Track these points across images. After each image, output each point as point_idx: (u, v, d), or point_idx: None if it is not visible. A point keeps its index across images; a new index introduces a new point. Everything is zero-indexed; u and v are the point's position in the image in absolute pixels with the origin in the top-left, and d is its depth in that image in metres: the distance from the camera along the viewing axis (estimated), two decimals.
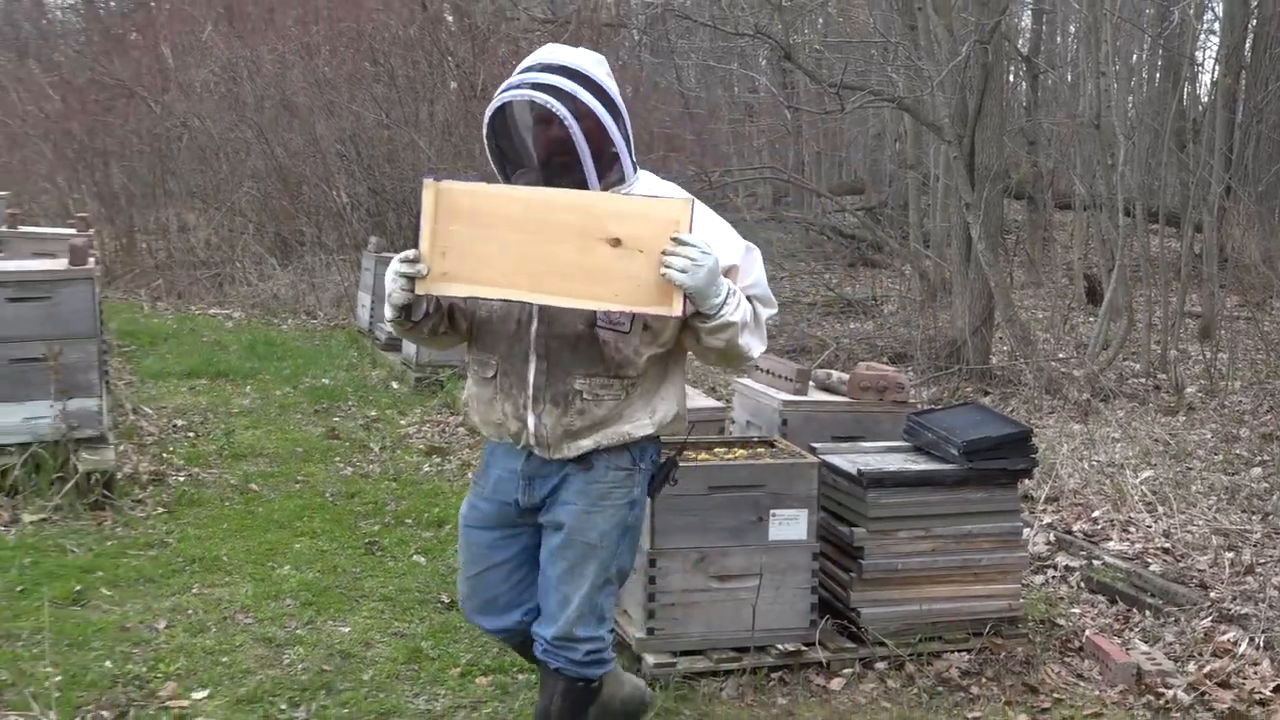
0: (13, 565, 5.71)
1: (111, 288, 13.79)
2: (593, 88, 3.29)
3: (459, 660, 4.84)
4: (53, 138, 16.16)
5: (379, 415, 8.91)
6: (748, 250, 3.48)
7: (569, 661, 3.56)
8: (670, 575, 4.70)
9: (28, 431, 6.66)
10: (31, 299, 6.66)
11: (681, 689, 4.59)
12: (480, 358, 3.53)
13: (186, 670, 4.72)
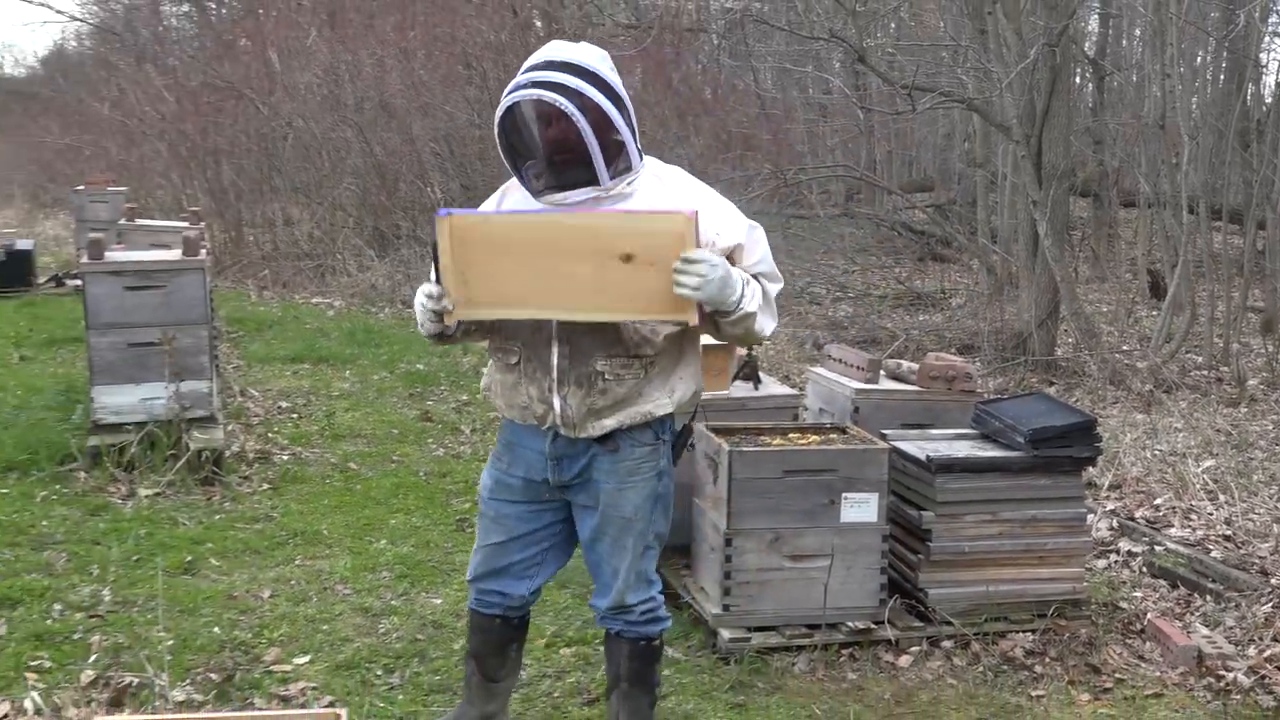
0: (129, 536, 5.82)
1: (221, 277, 13.98)
2: (597, 82, 3.28)
3: (544, 632, 4.86)
4: (168, 137, 16.41)
5: (470, 399, 8.96)
6: (751, 229, 3.46)
7: (627, 624, 3.63)
8: (746, 554, 4.69)
9: (144, 411, 6.78)
10: (148, 287, 6.77)
11: (755, 663, 4.58)
12: (503, 345, 3.54)
13: (289, 637, 4.78)
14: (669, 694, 4.37)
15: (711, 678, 4.51)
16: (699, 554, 5.01)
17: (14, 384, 8.75)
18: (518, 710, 4.24)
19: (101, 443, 6.68)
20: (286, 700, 4.27)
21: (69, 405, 7.88)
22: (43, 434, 7.13)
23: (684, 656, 4.68)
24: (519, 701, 4.30)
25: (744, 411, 5.28)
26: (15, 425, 7.49)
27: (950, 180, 18.91)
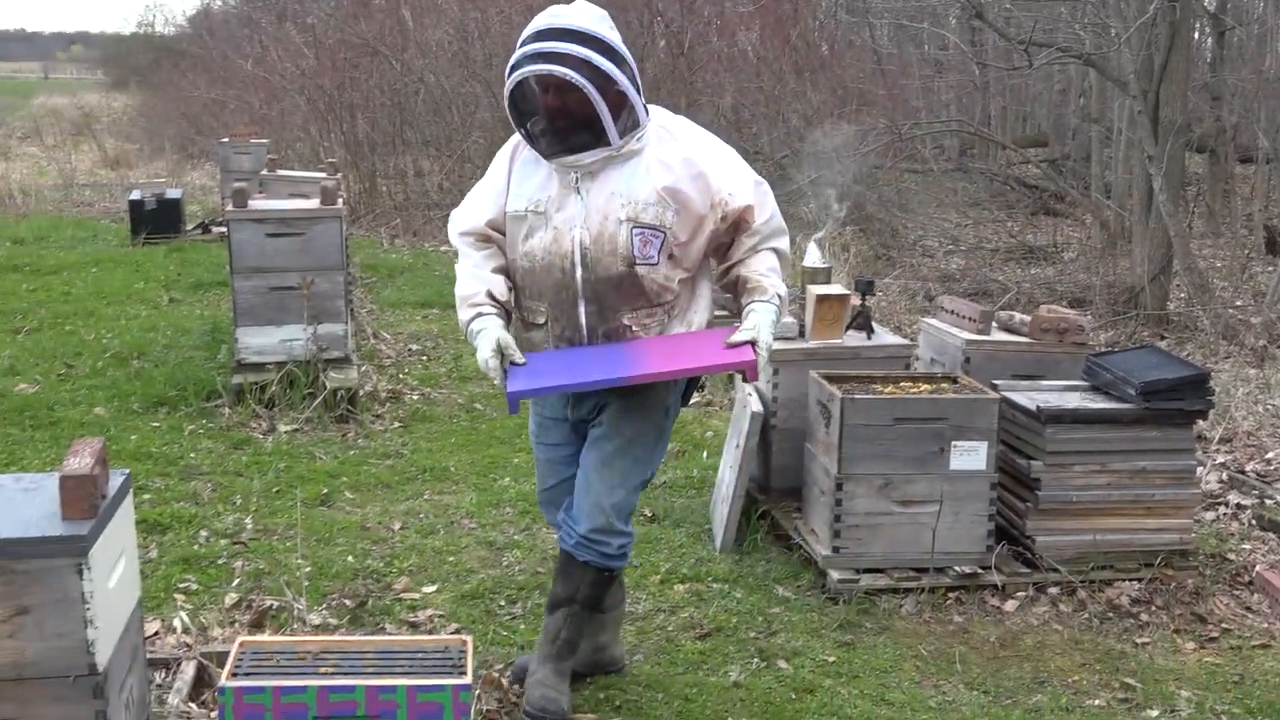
0: (270, 469, 5.96)
1: (356, 226, 14.19)
2: (599, 46, 3.26)
3: (659, 568, 4.88)
4: (307, 92, 16.63)
5: None
6: (758, 185, 3.48)
7: (601, 555, 3.61)
8: (856, 499, 4.66)
9: (284, 352, 6.93)
10: (288, 234, 6.89)
11: (863, 603, 4.56)
12: (528, 305, 3.54)
13: (418, 567, 4.87)
14: (778, 631, 4.38)
15: (820, 617, 4.50)
16: (810, 497, 4.99)
17: (164, 325, 8.98)
18: (633, 642, 4.28)
19: (244, 381, 6.84)
20: (415, 626, 4.35)
21: (214, 345, 8.07)
22: (190, 372, 7.31)
23: (794, 596, 4.67)
24: (633, 634, 4.34)
25: (857, 360, 5.23)
26: (165, 363, 7.70)
27: (1065, 135, 18.44)
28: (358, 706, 2.93)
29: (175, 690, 3.55)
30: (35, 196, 16.31)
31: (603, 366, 3.31)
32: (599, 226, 3.39)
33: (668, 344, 3.45)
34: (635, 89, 3.32)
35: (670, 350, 3.40)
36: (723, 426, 6.55)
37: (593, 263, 3.40)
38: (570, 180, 3.41)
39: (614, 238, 3.38)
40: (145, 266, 11.43)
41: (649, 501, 5.62)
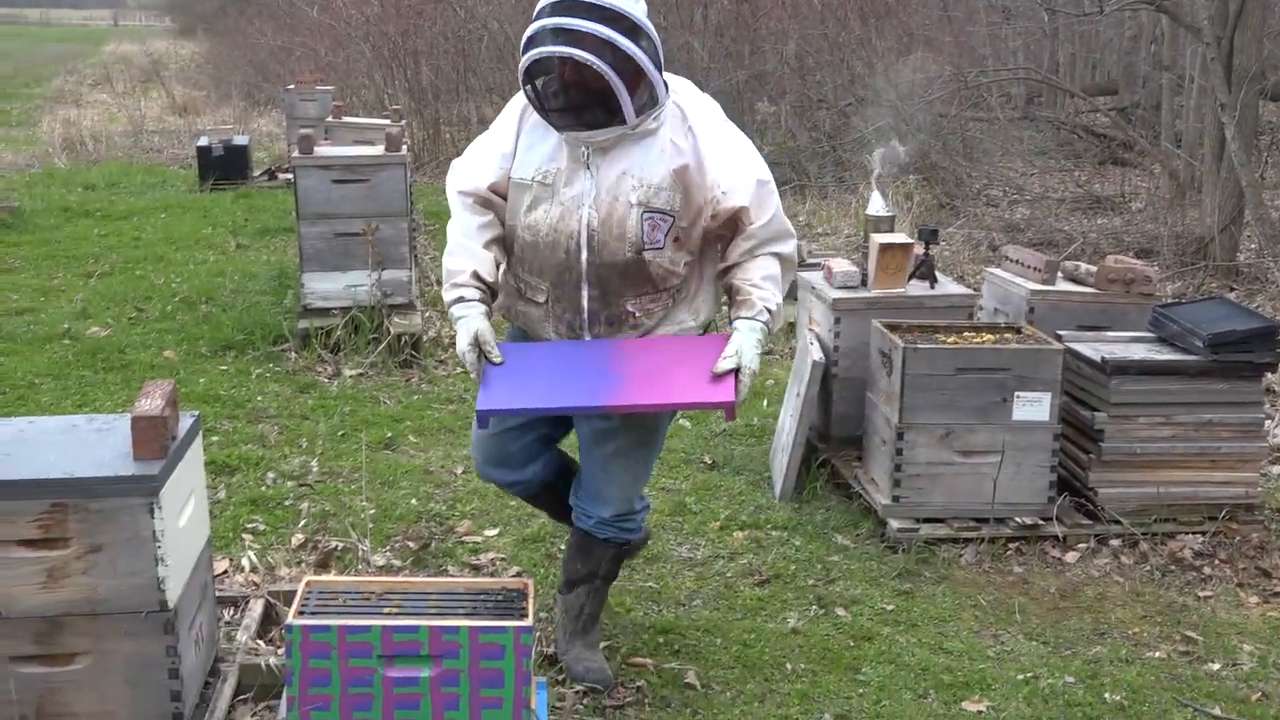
0: (335, 412, 6.02)
1: (419, 173, 14.22)
2: (623, 25, 3.07)
3: (718, 515, 4.89)
4: (371, 39, 16.64)
5: None
6: (760, 185, 3.28)
7: (622, 531, 3.59)
8: (917, 448, 4.63)
9: (349, 297, 6.97)
10: (353, 181, 6.92)
11: (923, 553, 4.54)
12: (528, 281, 3.39)
13: (479, 511, 4.91)
14: (837, 579, 4.38)
15: (879, 565, 4.49)
16: (870, 446, 4.97)
17: (232, 270, 9.07)
18: (691, 587, 4.30)
19: (310, 326, 6.90)
20: (477, 569, 4.39)
21: (280, 290, 8.14)
22: (257, 316, 7.39)
23: (853, 544, 4.67)
24: (692, 579, 4.36)
25: (920, 310, 5.18)
26: (233, 308, 7.78)
27: (1135, 83, 18.07)
28: (421, 646, 2.96)
29: (243, 627, 3.61)
30: (106, 143, 16.49)
31: (582, 385, 3.17)
32: (608, 208, 3.24)
33: (654, 355, 3.29)
34: (656, 66, 3.15)
35: (655, 365, 3.24)
36: (783, 375, 6.53)
37: (599, 246, 3.25)
38: (581, 154, 3.25)
39: (623, 221, 3.23)
40: (213, 212, 11.53)
41: (709, 448, 5.62)
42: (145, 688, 2.92)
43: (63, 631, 2.87)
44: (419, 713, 3.00)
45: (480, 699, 3.00)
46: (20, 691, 2.88)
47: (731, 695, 3.63)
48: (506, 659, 2.98)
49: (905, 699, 3.64)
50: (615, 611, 4.08)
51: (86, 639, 2.89)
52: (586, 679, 3.57)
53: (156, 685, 2.92)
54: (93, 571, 2.84)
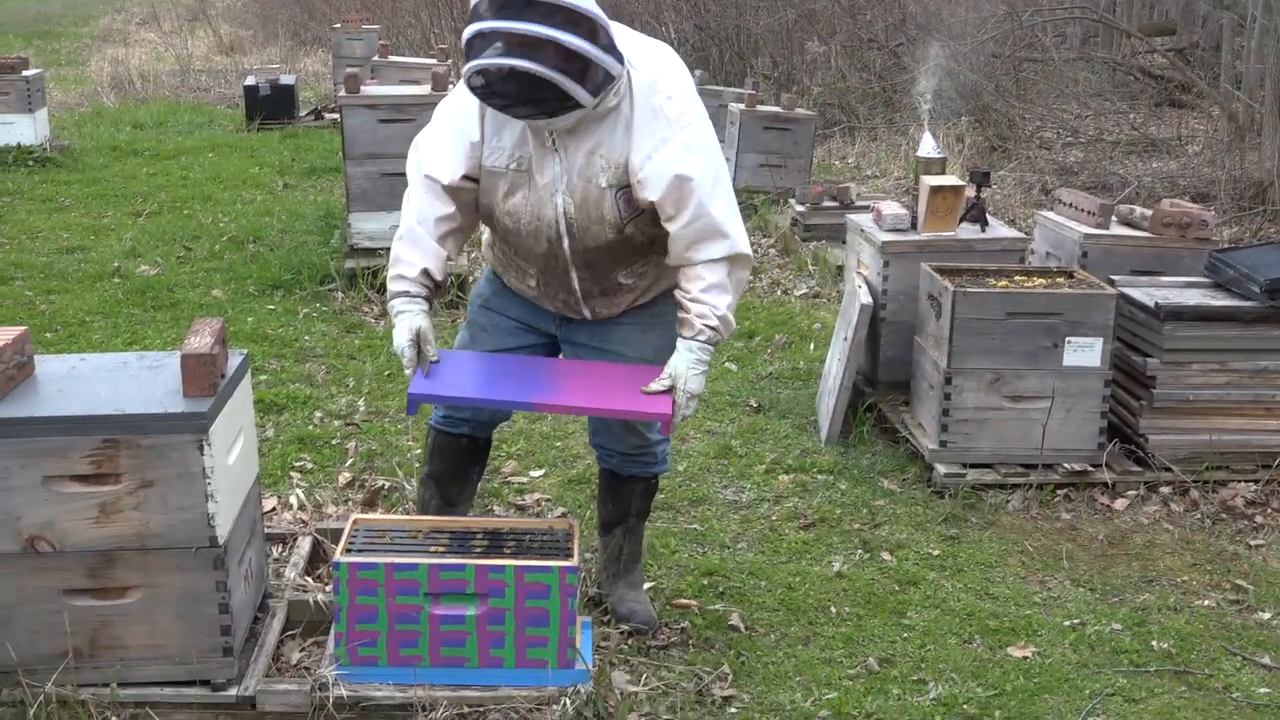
0: (381, 352, 6.04)
1: None
2: (567, 17, 2.84)
3: (764, 459, 4.89)
4: None
5: None
6: (677, 181, 3.04)
7: (645, 465, 3.57)
8: (965, 393, 4.60)
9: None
10: (400, 120, 6.91)
11: (969, 498, 4.53)
12: (517, 263, 3.36)
13: (525, 451, 4.93)
14: (882, 524, 4.37)
15: (925, 510, 4.48)
16: (918, 391, 4.94)
17: (279, 210, 9.11)
18: (736, 530, 4.31)
19: (357, 266, 6.92)
20: (523, 509, 4.42)
21: (327, 230, 8.16)
22: (304, 256, 7.42)
23: (899, 489, 4.66)
24: (737, 522, 4.36)
25: (970, 253, 5.13)
26: (281, 248, 7.82)
27: (1193, 23, 17.71)
28: (467, 584, 2.99)
29: (291, 564, 3.65)
30: (153, 82, 16.54)
31: (519, 384, 3.16)
32: (582, 191, 3.13)
33: (594, 374, 3.27)
34: (605, 46, 2.92)
35: (593, 382, 3.23)
36: (830, 318, 6.50)
37: (580, 232, 3.17)
38: (546, 140, 3.11)
39: (599, 203, 3.13)
40: (260, 152, 11.57)
41: (754, 392, 5.62)
42: (195, 621, 2.97)
43: (115, 566, 2.92)
44: (464, 649, 3.04)
45: (525, 637, 3.03)
46: (74, 624, 2.94)
47: (776, 638, 3.64)
48: (552, 598, 3.00)
49: (950, 644, 3.64)
50: (660, 553, 4.10)
51: (138, 573, 2.93)
52: (631, 620, 3.59)
53: (206, 619, 2.97)
54: (144, 507, 2.88)
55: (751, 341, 6.39)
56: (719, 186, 3.12)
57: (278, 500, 4.33)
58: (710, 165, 3.11)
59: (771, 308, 6.98)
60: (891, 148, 11.09)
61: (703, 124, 3.13)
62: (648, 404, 3.10)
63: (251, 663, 3.12)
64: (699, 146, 3.09)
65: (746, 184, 9.31)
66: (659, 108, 3.06)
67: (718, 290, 3.15)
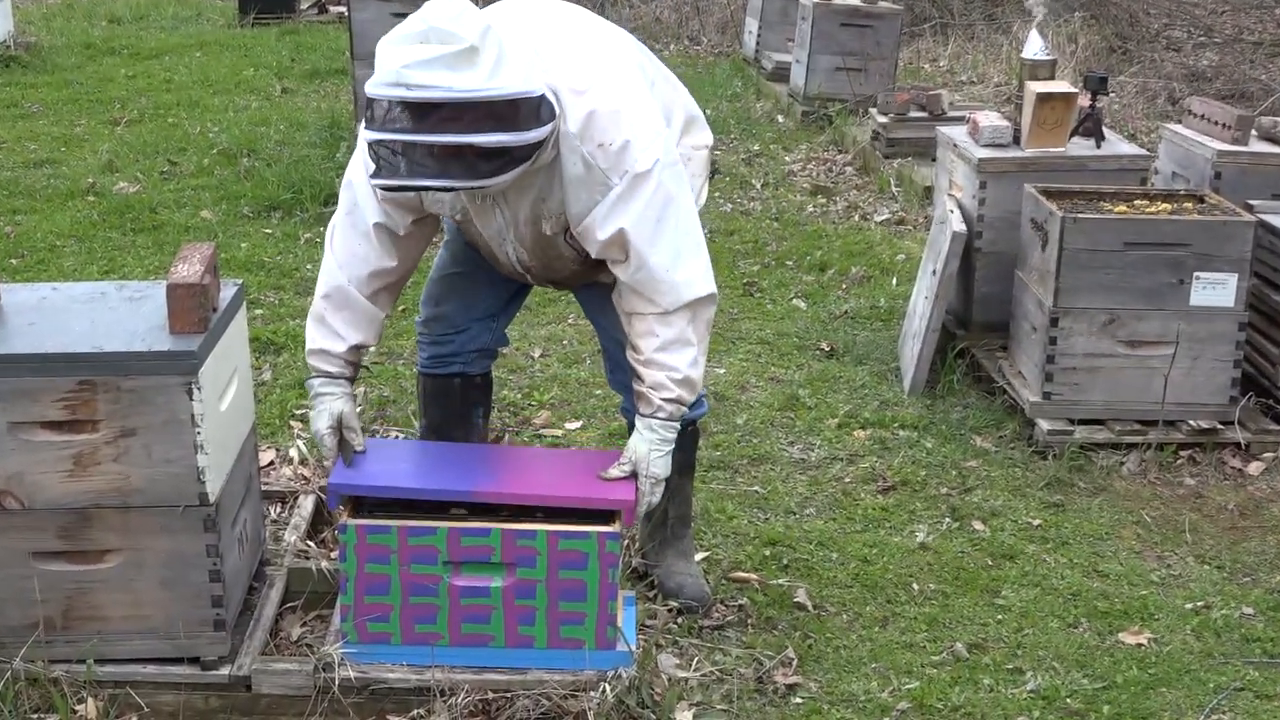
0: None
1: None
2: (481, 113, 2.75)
3: (836, 411, 4.89)
4: None
5: (761, 150, 8.91)
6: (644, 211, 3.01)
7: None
8: (1074, 337, 4.58)
9: None
10: None
11: (1077, 459, 4.51)
12: (484, 263, 3.42)
13: (560, 400, 4.95)
14: (974, 488, 4.37)
15: (1025, 473, 4.48)
16: (1018, 334, 4.92)
17: (277, 118, 9.13)
18: (804, 494, 4.32)
19: None
20: None
21: (332, 142, 8.18)
22: (306, 172, 7.45)
23: (994, 448, 4.65)
24: (805, 484, 4.37)
25: (1082, 173, 5.09)
26: (279, 162, 7.85)
27: None
28: (492, 552, 3.01)
29: (292, 527, 3.69)
30: None
31: (457, 472, 3.18)
32: (533, 239, 3.20)
33: (545, 460, 3.31)
34: (529, 116, 2.82)
35: (544, 469, 3.29)
36: (916, 249, 6.46)
37: (541, 268, 3.32)
38: (482, 201, 3.15)
39: (553, 244, 3.21)
40: (255, 51, 11.58)
41: (826, 333, 5.61)
42: (183, 590, 3.01)
43: (91, 526, 2.96)
44: (489, 626, 3.06)
45: (559, 614, 3.05)
46: (45, 591, 2.98)
47: (848, 618, 3.66)
48: (590, 569, 3.02)
49: (1051, 627, 3.64)
50: (715, 519, 4.11)
51: (117, 535, 2.97)
52: (681, 595, 3.61)
53: (195, 588, 3.01)
54: (124, 459, 2.91)
55: (824, 275, 6.37)
56: (664, 227, 3.05)
57: (276, 453, 4.37)
58: (651, 206, 3.03)
59: (848, 235, 6.95)
60: (991, 48, 10.96)
61: (642, 154, 3.02)
62: (606, 490, 3.12)
63: (246, 638, 3.16)
64: (636, 192, 3.02)
65: (820, 90, 9.25)
66: (590, 159, 3.00)
67: (675, 347, 3.11)
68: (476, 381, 3.71)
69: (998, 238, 5.12)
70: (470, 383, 3.68)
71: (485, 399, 3.78)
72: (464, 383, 3.67)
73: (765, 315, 5.87)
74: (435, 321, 3.62)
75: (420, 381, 3.73)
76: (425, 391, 3.72)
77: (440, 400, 3.69)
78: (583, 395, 4.99)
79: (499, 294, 3.57)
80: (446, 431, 3.69)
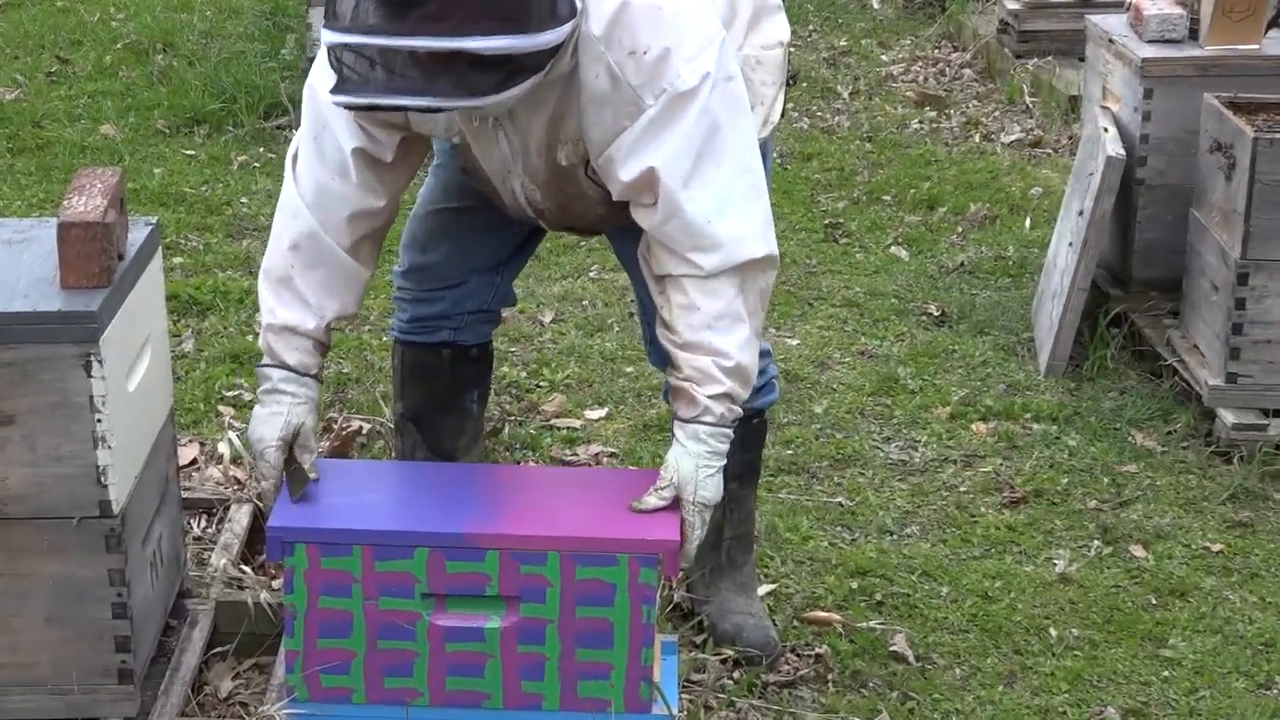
0: None
1: None
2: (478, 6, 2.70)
3: (947, 397, 4.89)
4: None
5: (851, 47, 8.88)
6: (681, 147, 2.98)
7: None
8: (1269, 299, 4.57)
9: None
10: None
11: (1271, 463, 4.51)
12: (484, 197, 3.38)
13: (578, 380, 4.96)
14: (1133, 500, 4.36)
15: (1202, 481, 4.47)
16: (1193, 294, 4.90)
17: (201, 2, 9.14)
18: (903, 506, 4.32)
19: None
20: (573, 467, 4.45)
21: (275, 34, 8.19)
22: (241, 74, 7.44)
23: (1160, 447, 4.64)
24: (905, 495, 4.37)
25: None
26: (204, 60, 7.85)
27: None
28: (487, 581, 3.00)
29: (222, 546, 3.69)
30: None
31: (444, 506, 3.12)
32: (547, 172, 3.17)
33: (560, 484, 3.28)
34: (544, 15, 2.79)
35: (559, 497, 3.20)
36: (1058, 180, 6.44)
37: (558, 211, 3.26)
38: (480, 123, 3.14)
39: (571, 181, 3.18)
40: None
41: (935, 292, 5.59)
42: (77, 629, 3.01)
43: None
44: (483, 682, 3.06)
45: (576, 665, 3.05)
46: None
47: (963, 673, 3.67)
48: (617, 605, 3.01)
49: (1236, 688, 3.64)
50: (785, 540, 4.12)
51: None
52: (739, 640, 3.62)
53: (94, 627, 3.00)
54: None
55: (933, 215, 6.36)
56: (707, 165, 3.01)
57: (201, 449, 4.38)
58: (692, 138, 3.00)
59: (964, 161, 6.93)
60: None
61: (687, 68, 2.99)
62: (640, 527, 3.03)
63: (161, 694, 3.16)
64: (675, 117, 2.99)
65: None
66: (618, 71, 2.97)
67: (724, 324, 3.05)
68: (471, 354, 3.70)
69: (1167, 166, 5.10)
70: (463, 355, 3.68)
71: (482, 378, 3.78)
72: (455, 355, 3.67)
73: (854, 268, 5.86)
74: (419, 273, 3.61)
75: (397, 352, 3.72)
76: (403, 366, 3.72)
77: (423, 378, 3.69)
78: (608, 374, 4.99)
79: (504, 238, 3.55)
80: (430, 420, 3.69)
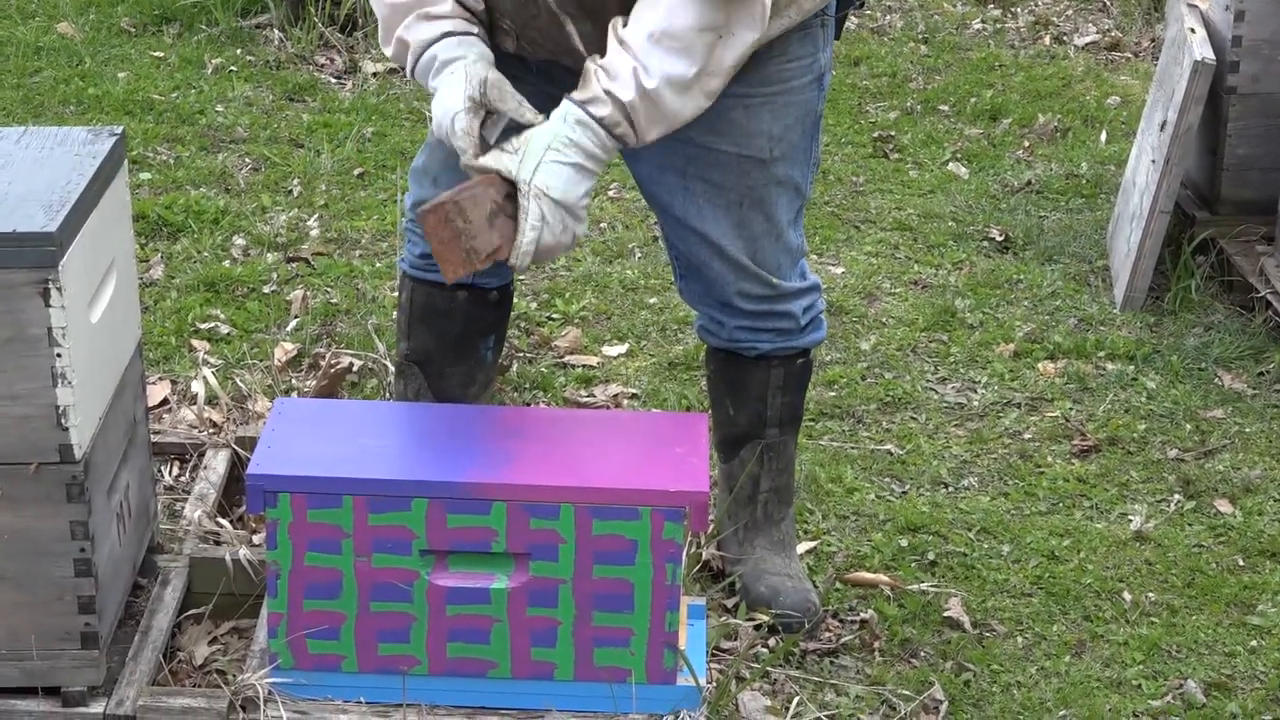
0: (347, 134, 6.07)
1: None
2: None
3: (1012, 332, 4.89)
4: None
5: None
6: None
7: (783, 336, 3.52)
8: None
9: None
10: None
11: None
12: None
13: (595, 313, 4.96)
14: (1219, 450, 4.37)
15: None
16: None
17: None
18: (960, 455, 4.32)
19: None
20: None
21: None
22: None
23: (1250, 390, 4.64)
24: (963, 443, 4.38)
25: None
26: None
27: None
28: (494, 537, 3.01)
29: (196, 496, 3.70)
30: None
31: (445, 453, 3.13)
32: None
33: (581, 431, 3.27)
34: None
35: (577, 445, 3.19)
36: (1138, 88, 6.43)
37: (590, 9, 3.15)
38: None
39: None
40: None
41: (997, 214, 5.58)
42: (36, 589, 3.02)
43: None
44: (488, 648, 3.08)
45: (592, 631, 3.07)
46: None
47: (1025, 642, 3.68)
48: (639, 564, 3.02)
49: None
50: (827, 492, 4.13)
51: None
52: (775, 604, 3.64)
53: (54, 586, 3.02)
54: None
55: (996, 127, 6.34)
56: None
57: (173, 388, 4.39)
58: None
59: (1033, 67, 6.91)
60: None
61: None
62: (665, 478, 3.03)
63: (129, 660, 3.18)
64: None
65: None
66: None
67: (672, 46, 3.00)
68: (490, 297, 3.69)
69: (1263, 71, 5.08)
70: (480, 299, 3.68)
71: (499, 324, 3.79)
72: (472, 299, 3.66)
73: (907, 186, 5.85)
74: None
75: (406, 288, 3.72)
76: (412, 304, 3.72)
77: (434, 321, 3.70)
78: (629, 305, 4.99)
79: None
80: (437, 367, 3.71)
